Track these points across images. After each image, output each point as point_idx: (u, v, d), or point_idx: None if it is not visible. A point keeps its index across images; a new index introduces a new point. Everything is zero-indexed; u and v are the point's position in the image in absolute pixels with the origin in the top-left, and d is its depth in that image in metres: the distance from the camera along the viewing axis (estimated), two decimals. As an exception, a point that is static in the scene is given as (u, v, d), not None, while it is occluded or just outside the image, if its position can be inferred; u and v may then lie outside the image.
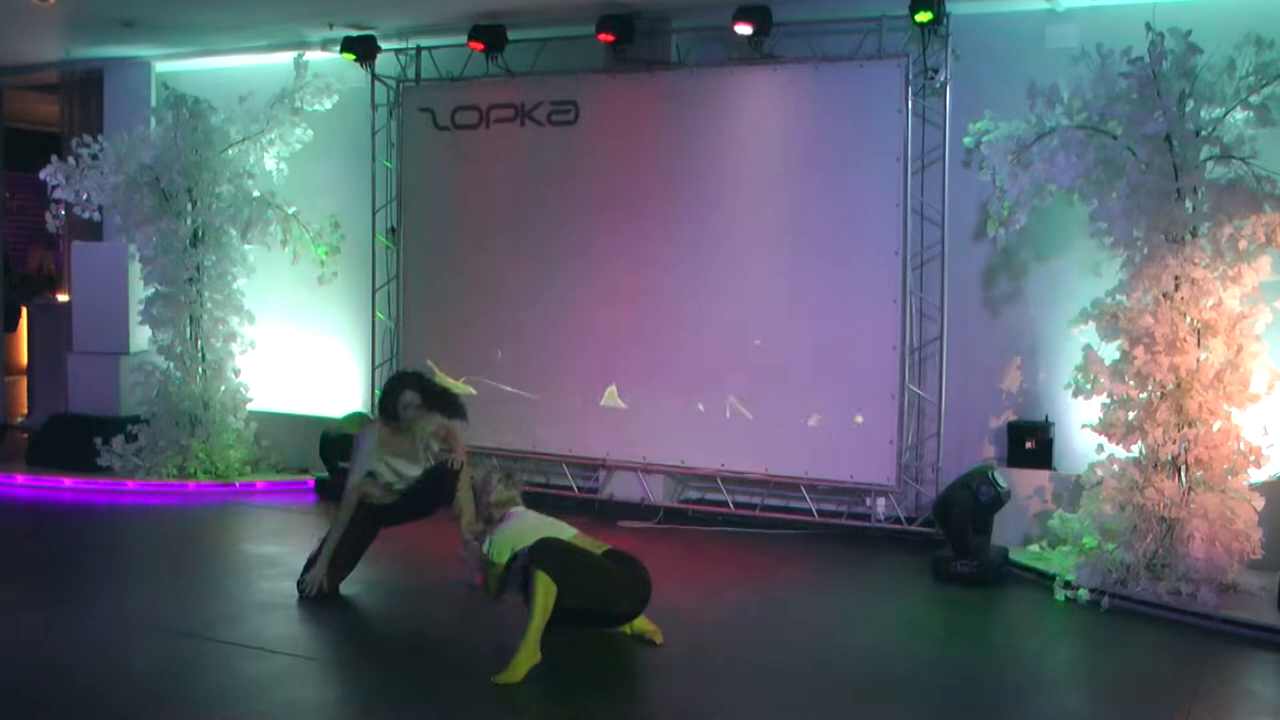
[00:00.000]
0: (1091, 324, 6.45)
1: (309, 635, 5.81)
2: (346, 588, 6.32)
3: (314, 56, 9.10)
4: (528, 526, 5.46)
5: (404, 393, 6.22)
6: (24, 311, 12.22)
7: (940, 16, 7.14)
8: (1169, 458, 6.17)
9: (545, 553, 5.15)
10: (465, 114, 8.89)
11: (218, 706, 4.77)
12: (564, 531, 5.43)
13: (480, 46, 8.42)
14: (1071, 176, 6.32)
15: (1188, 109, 6.07)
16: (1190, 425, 6.12)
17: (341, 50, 8.81)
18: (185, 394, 9.01)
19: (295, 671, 5.23)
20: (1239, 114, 6.09)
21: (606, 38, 7.96)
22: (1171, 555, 6.13)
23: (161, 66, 10.13)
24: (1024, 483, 7.05)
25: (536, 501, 8.50)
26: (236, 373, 9.23)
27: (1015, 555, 6.85)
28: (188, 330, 9.11)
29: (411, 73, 9.11)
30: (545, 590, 5.04)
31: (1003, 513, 6.77)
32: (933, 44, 7.38)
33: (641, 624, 5.46)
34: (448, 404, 6.33)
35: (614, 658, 5.40)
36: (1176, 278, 6.14)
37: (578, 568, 5.19)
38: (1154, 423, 6.16)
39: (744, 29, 7.55)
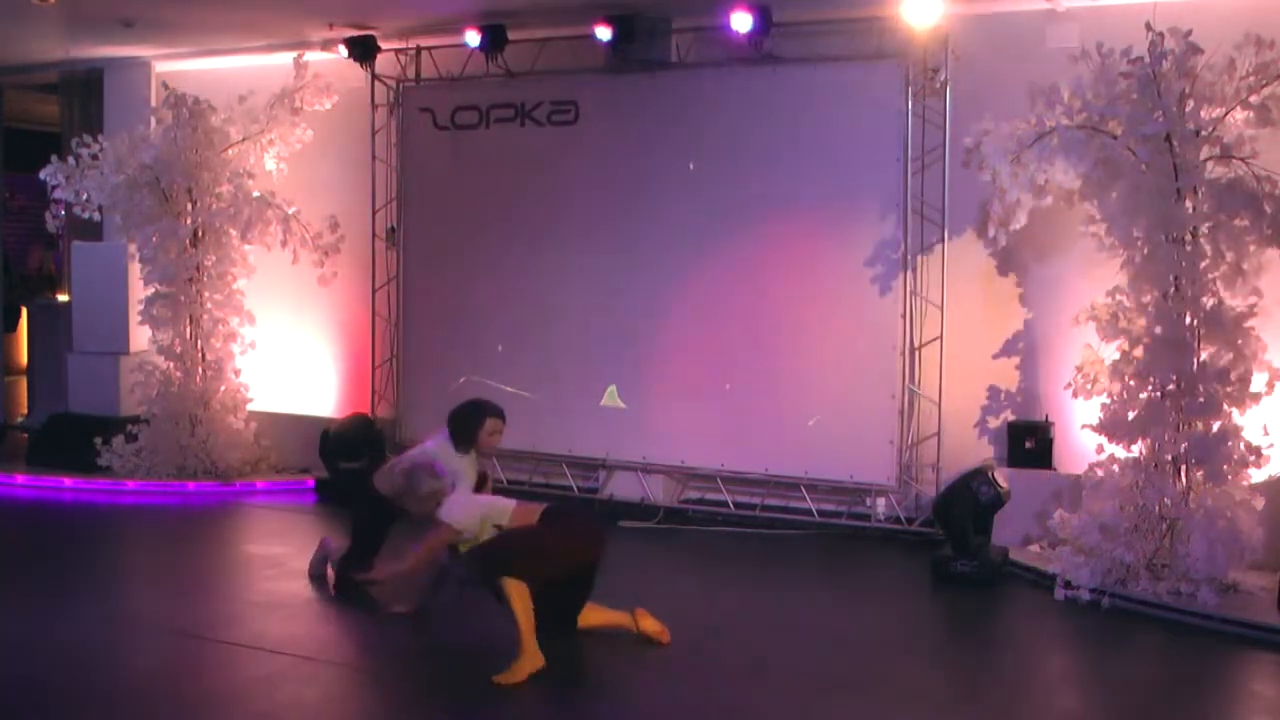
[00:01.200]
0: (1091, 324, 6.45)
1: (309, 635, 5.81)
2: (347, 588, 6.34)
3: (314, 56, 9.10)
4: (486, 510, 5.46)
5: (486, 420, 6.04)
6: (24, 311, 12.22)
7: (939, 17, 7.14)
8: (1169, 458, 6.16)
9: (491, 559, 5.17)
10: (465, 114, 8.89)
11: (218, 706, 4.78)
12: (503, 511, 5.43)
13: (478, 36, 8.37)
14: (1071, 176, 6.32)
15: (1188, 109, 6.07)
16: (1190, 425, 6.12)
17: (341, 50, 8.79)
18: (185, 394, 9.01)
19: (295, 671, 5.23)
20: (1239, 114, 6.09)
21: (606, 37, 7.96)
22: (1171, 555, 6.13)
23: (161, 66, 10.12)
24: (1024, 483, 7.04)
25: (537, 501, 8.53)
26: (236, 373, 9.23)
27: (1015, 555, 6.85)
28: (188, 330, 9.11)
29: (411, 73, 9.11)
30: (518, 593, 5.06)
31: (1003, 513, 6.76)
32: (932, 44, 7.38)
33: (647, 624, 5.46)
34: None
35: (615, 657, 5.40)
36: (1176, 278, 6.13)
37: (527, 553, 5.19)
38: (1154, 423, 6.15)
39: (743, 28, 7.54)
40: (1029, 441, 7.22)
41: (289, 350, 9.82)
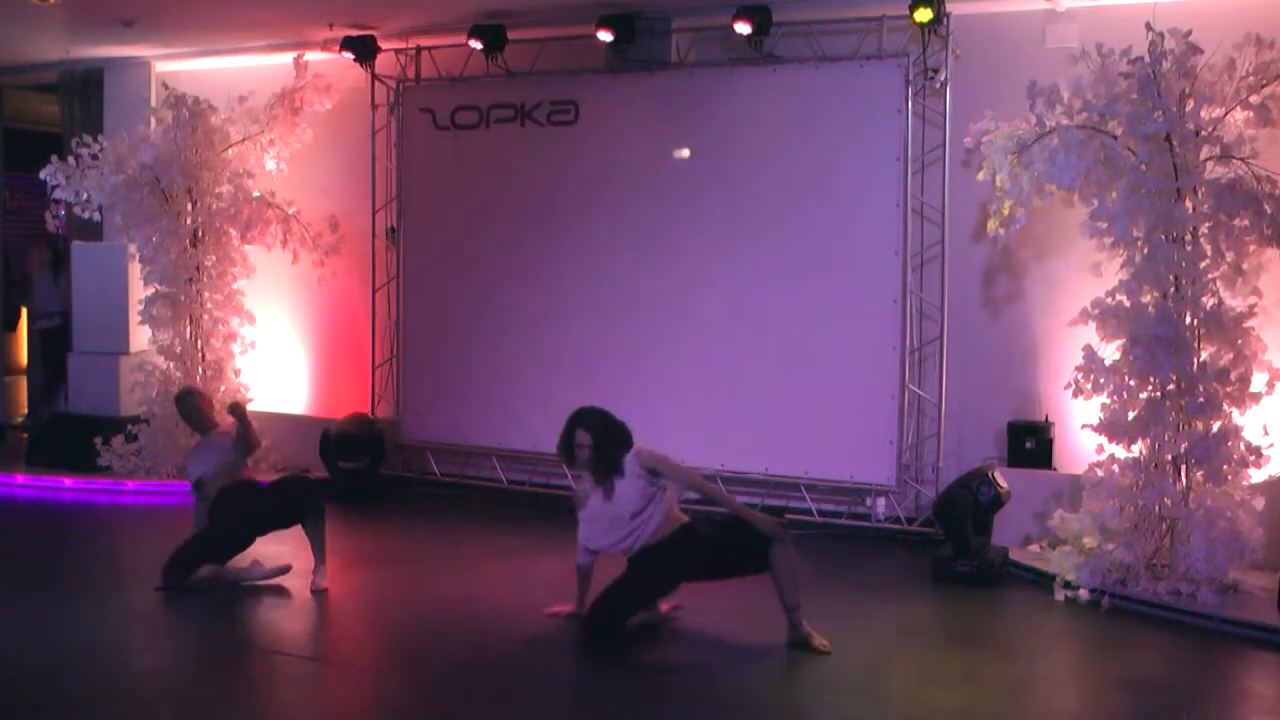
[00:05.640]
0: (1091, 324, 6.45)
1: (311, 635, 5.81)
2: (349, 588, 6.33)
3: (314, 56, 9.10)
4: None
5: (575, 432, 5.57)
6: (24, 312, 12.20)
7: (940, 16, 7.14)
8: (1169, 458, 6.17)
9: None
10: (465, 114, 8.89)
11: (219, 706, 4.78)
12: None
13: (479, 41, 8.38)
14: (1071, 176, 6.32)
15: (1188, 109, 6.07)
16: (1190, 425, 6.12)
17: (341, 50, 8.80)
18: (185, 394, 9.00)
19: (296, 671, 5.23)
20: (1239, 114, 6.09)
21: (606, 37, 7.96)
22: (1171, 555, 6.13)
23: (161, 66, 10.13)
24: (1024, 483, 7.04)
25: (537, 501, 8.55)
26: (236, 373, 9.22)
27: (1015, 555, 6.85)
28: (188, 330, 9.11)
29: (411, 73, 9.12)
30: None
31: (1003, 513, 6.76)
32: (933, 44, 7.38)
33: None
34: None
35: (615, 657, 5.40)
36: (1176, 278, 6.14)
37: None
38: (1154, 423, 6.15)
39: (743, 28, 7.54)
40: (1029, 441, 7.22)
41: (290, 350, 9.82)
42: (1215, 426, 6.11)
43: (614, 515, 5.45)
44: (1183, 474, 6.20)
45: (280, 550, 6.57)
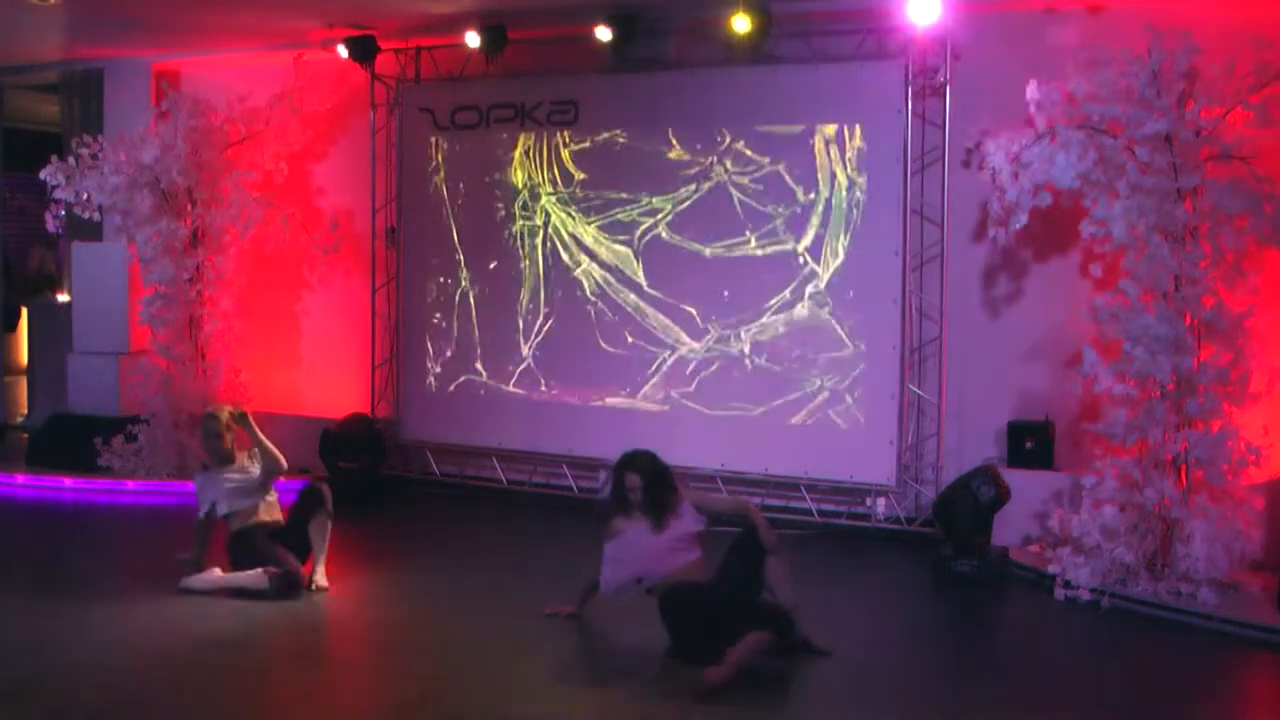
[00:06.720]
0: (1091, 324, 6.45)
1: (310, 635, 5.81)
2: (349, 588, 6.33)
3: (314, 56, 9.10)
4: None
5: (625, 476, 5.57)
6: (24, 312, 12.21)
7: (939, 17, 7.14)
8: (1169, 458, 6.17)
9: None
10: (465, 114, 8.89)
11: (218, 706, 4.78)
12: None
13: (479, 41, 8.38)
14: (1071, 176, 6.33)
15: (1188, 109, 6.07)
16: (1190, 425, 6.12)
17: (340, 50, 8.80)
18: (185, 394, 9.00)
19: (296, 671, 5.23)
20: (1239, 114, 6.09)
21: (606, 36, 7.95)
22: (1171, 555, 6.14)
23: (161, 66, 10.12)
24: (1024, 483, 7.04)
25: (537, 501, 8.56)
26: (237, 372, 9.22)
27: (1015, 555, 6.85)
28: (188, 330, 9.11)
29: (411, 73, 9.12)
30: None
31: (1003, 513, 6.77)
32: (932, 44, 7.38)
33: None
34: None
35: (614, 658, 5.39)
36: (1176, 278, 6.14)
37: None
38: (1154, 423, 6.16)
39: (743, 24, 7.53)
40: (1029, 441, 7.22)
41: (290, 350, 9.82)
42: (1215, 426, 6.11)
43: (657, 546, 5.42)
44: (1183, 474, 6.20)
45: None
